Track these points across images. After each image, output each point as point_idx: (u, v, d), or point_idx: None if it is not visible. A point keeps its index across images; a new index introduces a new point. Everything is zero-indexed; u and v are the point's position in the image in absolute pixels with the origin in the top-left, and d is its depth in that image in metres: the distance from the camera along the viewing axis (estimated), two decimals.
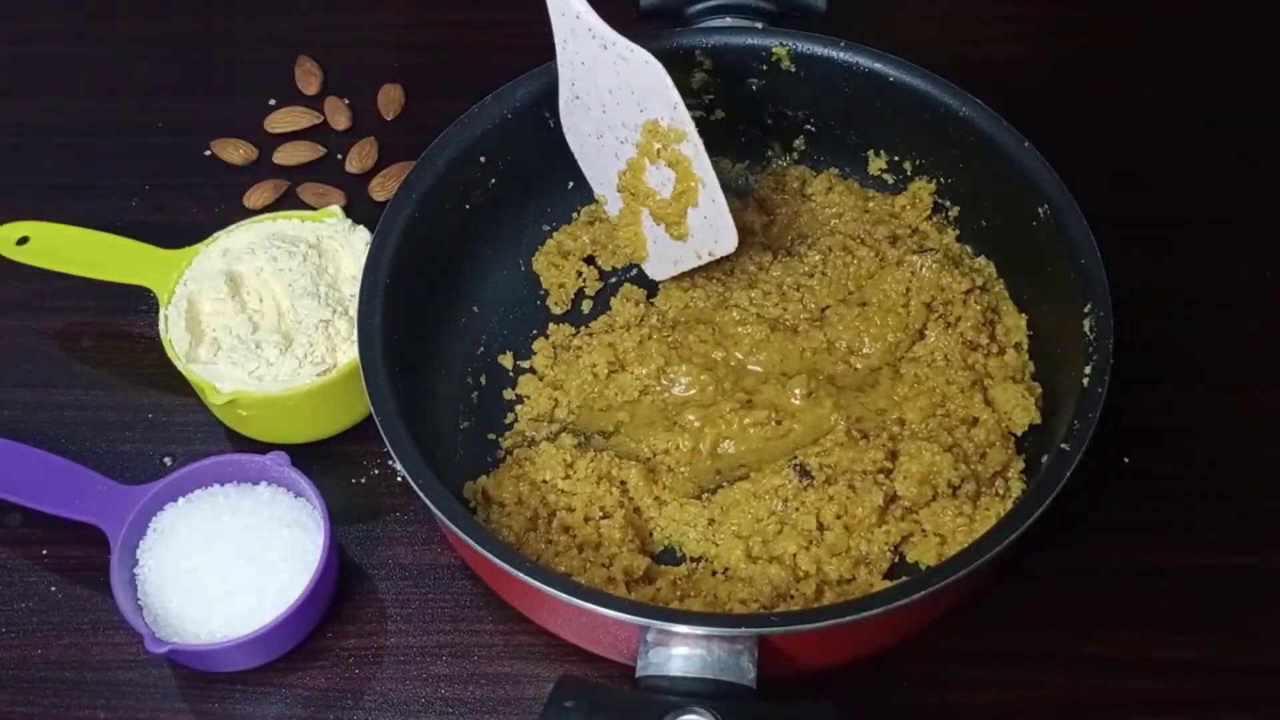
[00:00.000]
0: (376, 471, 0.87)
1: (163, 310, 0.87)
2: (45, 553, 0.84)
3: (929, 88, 0.88)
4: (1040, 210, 0.83)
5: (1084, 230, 0.81)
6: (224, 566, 0.78)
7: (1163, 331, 0.91)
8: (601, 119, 0.84)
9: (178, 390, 0.88)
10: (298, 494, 0.82)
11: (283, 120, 1.05)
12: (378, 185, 1.01)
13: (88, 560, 0.82)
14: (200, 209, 1.00)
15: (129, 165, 1.03)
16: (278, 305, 0.87)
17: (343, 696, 0.79)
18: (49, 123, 1.06)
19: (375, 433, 0.76)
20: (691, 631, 0.68)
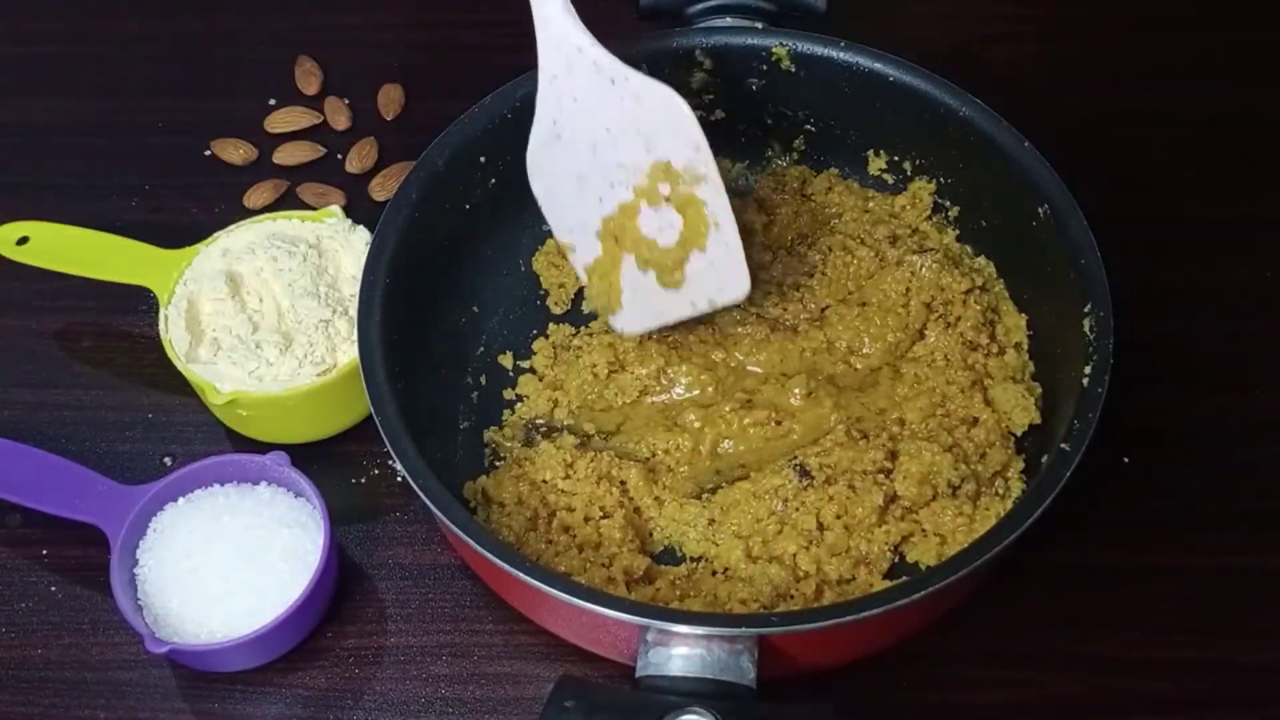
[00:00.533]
0: (376, 471, 0.87)
1: (163, 310, 0.87)
2: (45, 553, 0.84)
3: (929, 88, 0.88)
4: (1040, 210, 0.83)
5: (1084, 230, 0.81)
6: (224, 566, 0.78)
7: (1163, 331, 0.91)
8: (588, 160, 0.80)
9: (178, 390, 0.88)
10: (298, 494, 0.82)
11: (283, 120, 1.05)
12: (378, 185, 1.01)
13: (88, 560, 0.82)
14: (200, 209, 1.00)
15: (129, 165, 1.03)
16: (278, 305, 0.87)
17: (343, 696, 0.79)
18: (49, 123, 1.06)
19: (375, 433, 0.76)
20: (691, 631, 0.68)
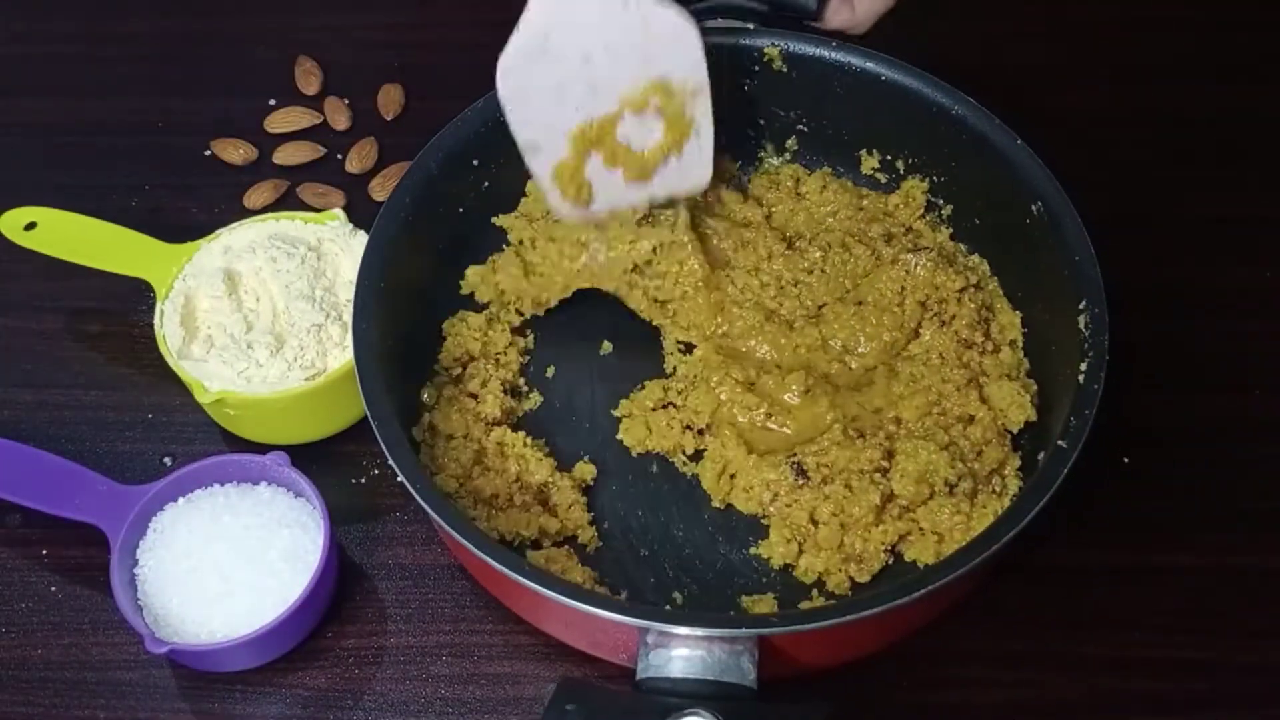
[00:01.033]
0: (376, 471, 0.87)
1: (159, 305, 0.87)
2: (45, 553, 0.84)
3: (920, 86, 0.88)
4: (1034, 207, 0.83)
5: (1077, 226, 0.81)
6: (224, 566, 0.78)
7: (1163, 331, 0.91)
8: (575, 70, 0.81)
9: (178, 390, 0.88)
10: (298, 494, 0.82)
11: (283, 120, 1.05)
12: (378, 185, 1.01)
13: (88, 560, 0.82)
14: (200, 209, 1.00)
15: (129, 165, 1.03)
16: (273, 306, 0.87)
17: (343, 696, 0.79)
18: (49, 123, 1.07)
19: (374, 433, 0.76)
20: (691, 633, 0.68)
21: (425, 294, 0.87)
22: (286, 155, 1.03)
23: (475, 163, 0.89)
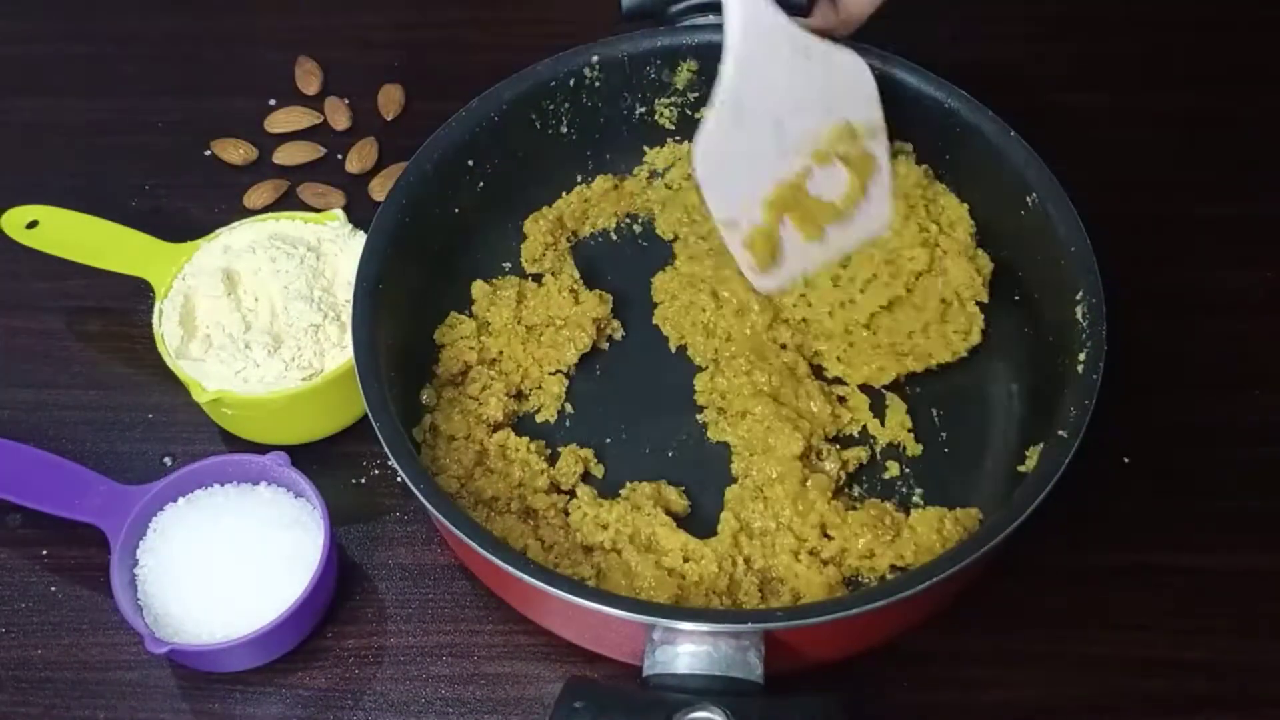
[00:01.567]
0: (376, 471, 0.87)
1: (158, 304, 0.87)
2: (45, 553, 0.84)
3: (913, 80, 0.88)
4: (1029, 199, 0.83)
5: (1072, 217, 0.81)
6: (224, 567, 0.78)
7: (1163, 331, 0.91)
8: (768, 136, 0.81)
9: (178, 390, 0.88)
10: (298, 494, 0.82)
11: (283, 120, 1.05)
12: (378, 185, 1.01)
13: (88, 560, 0.82)
14: (200, 209, 1.00)
15: (129, 165, 1.03)
16: (272, 306, 0.87)
17: (343, 696, 0.79)
18: (49, 123, 1.06)
19: (375, 433, 0.76)
20: (698, 629, 0.68)
21: (423, 294, 0.87)
22: (286, 155, 1.03)
23: (470, 163, 0.89)
